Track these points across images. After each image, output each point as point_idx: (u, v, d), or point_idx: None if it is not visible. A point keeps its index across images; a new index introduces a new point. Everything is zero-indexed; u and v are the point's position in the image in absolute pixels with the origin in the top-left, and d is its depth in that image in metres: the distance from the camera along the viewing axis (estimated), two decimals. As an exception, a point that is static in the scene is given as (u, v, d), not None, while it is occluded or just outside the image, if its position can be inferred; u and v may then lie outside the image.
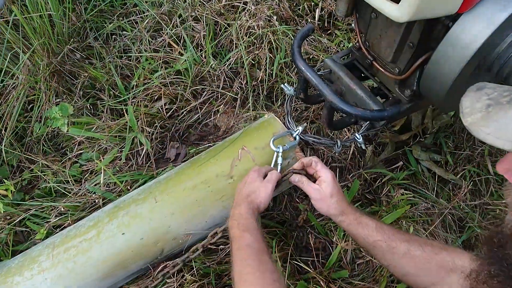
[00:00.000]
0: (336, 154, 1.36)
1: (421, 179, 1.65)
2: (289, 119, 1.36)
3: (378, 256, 1.05)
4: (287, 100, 1.41)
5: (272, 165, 1.29)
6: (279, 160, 1.27)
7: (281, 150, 1.27)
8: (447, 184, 1.67)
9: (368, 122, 1.34)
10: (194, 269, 1.35)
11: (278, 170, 1.26)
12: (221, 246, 1.40)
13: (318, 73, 1.31)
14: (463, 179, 1.66)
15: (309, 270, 1.38)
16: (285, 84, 1.41)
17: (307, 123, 1.71)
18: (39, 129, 1.71)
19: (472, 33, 0.90)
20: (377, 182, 1.63)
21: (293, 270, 1.41)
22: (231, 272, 0.99)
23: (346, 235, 1.45)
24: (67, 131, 1.66)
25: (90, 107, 1.79)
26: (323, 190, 1.12)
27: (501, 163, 0.67)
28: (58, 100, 1.77)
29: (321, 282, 1.33)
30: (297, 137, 1.31)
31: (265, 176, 1.20)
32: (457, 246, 1.52)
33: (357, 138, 1.31)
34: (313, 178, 1.20)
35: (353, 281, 1.38)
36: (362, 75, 1.39)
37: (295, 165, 1.22)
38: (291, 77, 1.84)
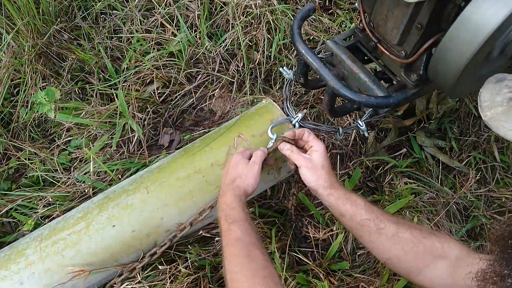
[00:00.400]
0: (338, 141, 1.29)
1: (425, 167, 1.59)
2: (288, 104, 1.28)
3: (363, 237, 0.99)
4: (286, 84, 1.34)
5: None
6: (269, 143, 1.20)
7: (274, 138, 1.19)
8: (452, 171, 1.61)
9: (371, 108, 1.27)
10: (189, 261, 1.30)
11: (269, 146, 1.18)
12: (217, 238, 1.35)
13: (319, 56, 1.24)
14: (469, 167, 1.60)
15: (308, 262, 1.33)
16: (284, 67, 1.33)
17: (307, 109, 1.63)
18: (25, 115, 1.63)
19: (486, 14, 0.83)
20: (379, 170, 1.57)
21: (292, 261, 1.36)
22: (223, 269, 0.94)
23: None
24: (54, 117, 1.58)
25: (78, 91, 1.71)
26: (314, 160, 1.06)
27: None
28: (45, 83, 1.69)
29: (320, 275, 1.28)
30: (297, 125, 1.24)
31: (250, 157, 1.14)
32: (458, 236, 1.47)
33: (359, 125, 1.25)
34: (303, 150, 1.14)
35: (353, 273, 1.33)
36: (366, 58, 1.33)
37: (286, 133, 1.16)
38: (291, 60, 1.75)
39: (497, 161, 1.63)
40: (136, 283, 1.23)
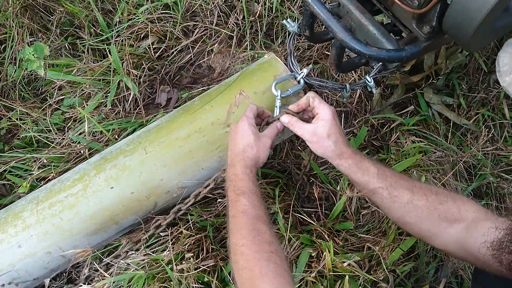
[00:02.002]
0: (345, 99, 1.23)
1: (432, 124, 1.54)
2: (292, 60, 1.21)
3: (378, 203, 0.97)
4: (290, 38, 1.26)
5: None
6: (277, 103, 1.13)
7: (279, 94, 1.12)
8: (459, 129, 1.57)
9: (380, 63, 1.20)
10: (190, 222, 1.27)
11: (275, 114, 1.11)
12: (219, 200, 1.31)
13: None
14: (477, 124, 1.56)
15: (312, 222, 1.30)
16: (288, 19, 1.25)
17: (312, 65, 1.56)
18: (14, 72, 1.55)
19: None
20: (385, 128, 1.52)
21: (296, 222, 1.33)
22: (227, 239, 0.91)
23: (351, 184, 1.37)
24: (44, 75, 1.50)
25: (69, 47, 1.62)
26: (319, 130, 0.99)
27: None
28: (32, 39, 1.59)
29: (325, 235, 1.26)
30: (302, 81, 1.18)
31: (256, 122, 1.07)
32: (464, 195, 1.45)
33: (368, 81, 1.19)
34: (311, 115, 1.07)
35: (358, 233, 1.31)
36: (374, 9, 1.24)
37: (290, 107, 1.08)
38: (293, 12, 1.66)
39: (506, 118, 1.58)
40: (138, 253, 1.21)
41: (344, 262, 1.15)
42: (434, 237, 0.90)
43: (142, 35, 1.63)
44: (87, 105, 1.51)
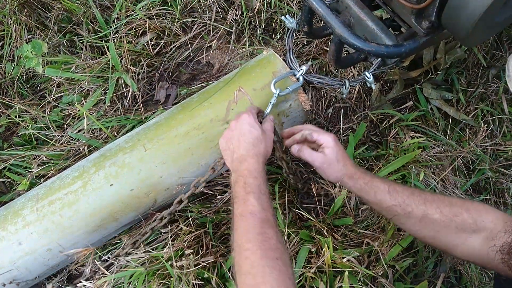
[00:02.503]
0: (344, 95, 1.23)
1: (431, 120, 1.54)
2: (291, 56, 1.21)
3: (394, 220, 0.98)
4: (289, 34, 1.26)
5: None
6: (273, 100, 1.14)
7: (277, 93, 1.14)
8: (458, 124, 1.57)
9: (379, 59, 1.20)
10: (190, 219, 1.27)
11: (269, 110, 1.14)
12: (219, 196, 1.32)
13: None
14: (476, 119, 1.55)
15: (311, 218, 1.30)
16: (286, 15, 1.24)
17: (311, 62, 1.55)
18: (12, 70, 1.54)
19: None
20: (384, 124, 1.51)
21: (295, 218, 1.34)
22: (231, 237, 0.91)
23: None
24: (43, 72, 1.49)
25: (67, 44, 1.61)
26: (328, 156, 1.03)
27: None
28: (30, 36, 1.58)
29: (324, 231, 1.27)
30: (301, 78, 1.17)
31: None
32: (481, 202, 1.44)
33: (367, 77, 1.18)
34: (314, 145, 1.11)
35: (357, 228, 1.31)
36: (373, 4, 1.23)
37: (282, 132, 1.15)
38: (292, 8, 1.65)
39: (505, 113, 1.57)
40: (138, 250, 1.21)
41: (343, 257, 1.15)
42: (454, 248, 0.89)
43: (140, 32, 1.62)
44: (85, 102, 1.50)
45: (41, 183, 1.32)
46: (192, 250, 1.19)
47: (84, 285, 1.24)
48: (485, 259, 0.83)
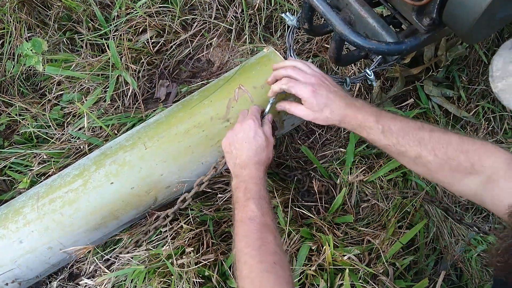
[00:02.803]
0: (344, 93, 1.23)
1: (432, 117, 1.54)
2: (292, 54, 1.21)
3: (390, 155, 0.97)
4: (289, 32, 1.25)
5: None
6: (272, 100, 1.14)
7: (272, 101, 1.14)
8: (459, 121, 1.56)
9: (380, 56, 1.19)
10: (190, 217, 1.27)
11: (268, 109, 1.14)
12: (219, 195, 1.32)
13: (324, -2, 1.15)
14: (477, 116, 1.55)
15: (312, 216, 1.31)
16: (287, 13, 1.23)
17: (312, 59, 1.55)
18: (12, 68, 1.54)
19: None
20: (384, 121, 1.51)
21: (296, 215, 1.34)
22: (233, 242, 0.93)
23: (350, 176, 1.37)
24: (43, 70, 1.49)
25: (67, 42, 1.61)
26: (311, 109, 0.99)
27: None
28: (30, 34, 1.58)
29: (325, 228, 1.27)
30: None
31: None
32: (484, 141, 1.42)
33: (368, 74, 1.18)
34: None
35: (357, 226, 1.31)
36: (374, 1, 1.23)
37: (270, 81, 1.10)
38: (292, 5, 1.64)
39: (506, 110, 1.57)
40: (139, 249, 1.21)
41: (344, 255, 1.15)
42: (449, 186, 0.88)
43: (140, 30, 1.61)
44: (86, 100, 1.50)
45: (41, 182, 1.32)
46: (192, 248, 1.19)
47: (86, 283, 1.24)
48: (481, 200, 0.81)
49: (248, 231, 0.88)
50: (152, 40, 1.62)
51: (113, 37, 1.57)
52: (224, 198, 1.32)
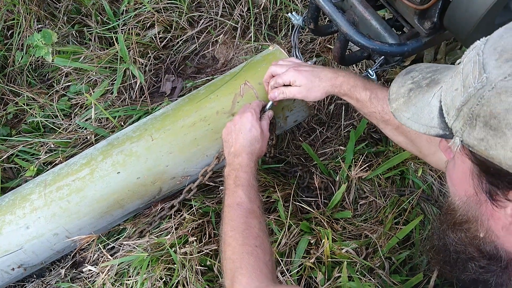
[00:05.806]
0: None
1: (430, 119, 1.57)
2: (297, 53, 1.24)
3: (374, 123, 1.04)
4: (295, 31, 1.28)
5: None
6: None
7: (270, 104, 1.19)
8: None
9: (382, 57, 1.23)
10: (194, 208, 1.31)
11: (268, 106, 1.18)
12: (221, 187, 1.35)
13: (330, 0, 1.18)
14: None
15: (311, 210, 1.34)
16: (293, 13, 1.27)
17: (316, 59, 1.58)
18: (21, 58, 1.57)
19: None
20: (384, 121, 1.54)
21: (296, 210, 1.37)
22: (220, 226, 0.97)
23: (350, 174, 1.40)
24: (52, 61, 1.52)
25: (76, 34, 1.64)
26: (302, 87, 1.06)
27: (442, 141, 0.64)
28: (40, 26, 1.61)
29: (324, 222, 1.30)
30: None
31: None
32: None
33: (370, 75, 1.21)
34: None
35: (355, 221, 1.35)
36: (377, 4, 1.26)
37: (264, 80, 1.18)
38: (297, 5, 1.68)
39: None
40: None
41: (342, 249, 1.18)
42: (425, 157, 0.94)
43: (148, 25, 1.65)
44: (93, 92, 1.53)
45: (48, 170, 1.34)
46: (195, 238, 1.22)
47: (89, 270, 1.27)
48: None
49: (235, 215, 0.93)
50: (160, 35, 1.65)
51: (122, 31, 1.60)
52: (226, 191, 1.35)
